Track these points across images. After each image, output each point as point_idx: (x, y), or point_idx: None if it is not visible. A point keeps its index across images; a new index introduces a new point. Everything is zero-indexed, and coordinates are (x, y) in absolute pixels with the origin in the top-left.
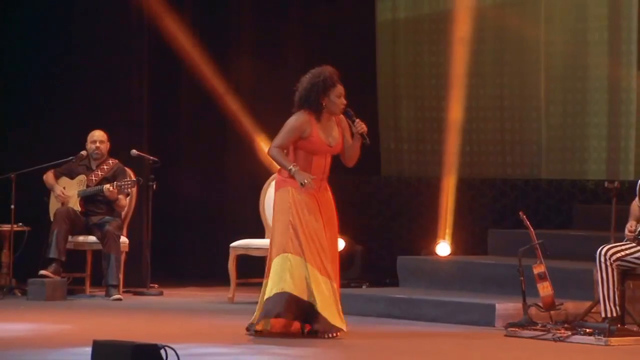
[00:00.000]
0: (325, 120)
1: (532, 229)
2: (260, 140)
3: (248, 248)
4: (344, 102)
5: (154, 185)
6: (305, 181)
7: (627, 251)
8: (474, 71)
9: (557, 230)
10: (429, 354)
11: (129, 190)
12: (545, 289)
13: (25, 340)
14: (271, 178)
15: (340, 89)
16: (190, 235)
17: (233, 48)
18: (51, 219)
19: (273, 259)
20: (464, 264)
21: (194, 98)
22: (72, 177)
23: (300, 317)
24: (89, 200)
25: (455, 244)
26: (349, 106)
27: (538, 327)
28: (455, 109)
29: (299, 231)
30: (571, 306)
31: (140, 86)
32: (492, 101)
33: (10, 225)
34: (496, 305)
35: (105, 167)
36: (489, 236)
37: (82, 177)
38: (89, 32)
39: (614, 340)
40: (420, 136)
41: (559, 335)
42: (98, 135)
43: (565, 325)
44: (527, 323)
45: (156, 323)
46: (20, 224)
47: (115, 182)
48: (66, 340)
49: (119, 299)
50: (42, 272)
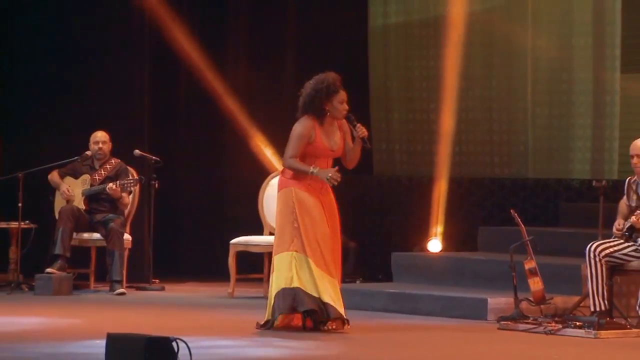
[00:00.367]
0: (328, 125)
1: (523, 226)
2: (257, 141)
3: (247, 245)
4: (346, 108)
5: (156, 184)
6: (330, 175)
7: (615, 248)
8: (463, 75)
9: (545, 227)
10: (427, 346)
11: (131, 188)
12: (536, 284)
13: (38, 333)
14: (270, 177)
15: (343, 94)
16: (190, 232)
17: (231, 50)
18: (56, 217)
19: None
20: (456, 260)
21: (193, 99)
22: (76, 177)
23: (309, 310)
24: (93, 198)
25: (446, 241)
26: (349, 111)
27: (529, 321)
28: (445, 111)
29: (302, 230)
30: (560, 300)
31: (142, 88)
32: (481, 103)
33: (17, 223)
34: (488, 299)
35: (108, 167)
36: (479, 233)
37: (86, 177)
38: (93, 38)
39: (603, 333)
40: (411, 137)
41: (550, 328)
42: (100, 136)
43: (555, 319)
44: (519, 317)
45: (161, 317)
46: (27, 221)
47: (118, 181)
48: (77, 333)
49: (123, 294)
50: (49, 270)
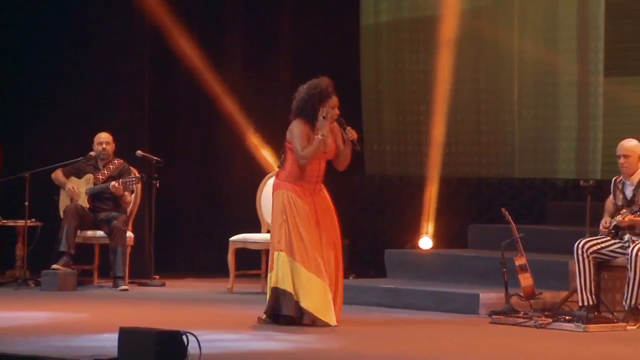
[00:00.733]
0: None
1: (514, 224)
2: (254, 141)
3: (246, 242)
4: (337, 113)
5: (157, 184)
6: (324, 116)
7: (603, 244)
8: (451, 77)
9: (531, 225)
10: (424, 340)
11: (134, 186)
12: (526, 280)
13: (48, 327)
14: (267, 177)
15: (334, 100)
16: (190, 230)
17: (228, 52)
18: (61, 215)
19: (274, 254)
20: (447, 257)
21: (192, 101)
22: (80, 176)
23: (296, 313)
24: (97, 197)
25: (437, 238)
26: (340, 115)
27: (520, 315)
28: (434, 113)
29: (290, 230)
30: (548, 295)
31: (142, 90)
32: (469, 105)
33: (24, 221)
34: (480, 294)
35: (111, 167)
36: (469, 231)
37: (90, 176)
38: (94, 41)
39: (592, 327)
40: (402, 138)
41: (540, 322)
42: (104, 137)
43: (545, 313)
44: (509, 311)
45: (165, 312)
46: (33, 219)
47: (120, 179)
48: (86, 327)
49: (126, 290)
50: (54, 266)
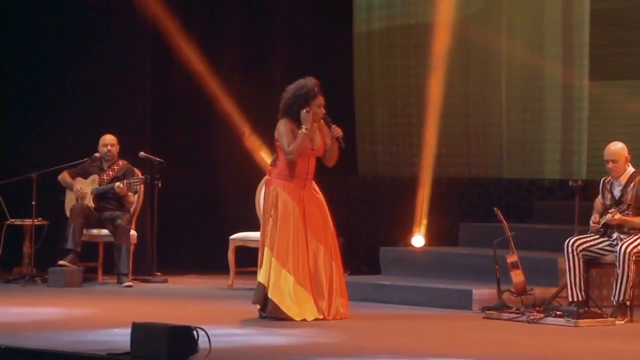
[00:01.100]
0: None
1: (506, 223)
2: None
3: (245, 240)
4: (323, 112)
5: (159, 184)
6: (307, 110)
7: (592, 242)
8: (441, 81)
9: (519, 224)
10: (421, 334)
11: (137, 187)
12: (517, 276)
13: (58, 322)
14: (265, 177)
15: (320, 99)
16: (190, 228)
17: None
18: (67, 214)
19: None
20: (440, 254)
21: (192, 105)
22: (86, 177)
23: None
24: (101, 197)
25: (428, 236)
26: (327, 114)
27: (513, 310)
28: (425, 116)
29: (275, 226)
30: (538, 291)
31: (144, 94)
32: (459, 108)
33: (31, 220)
34: (473, 290)
35: (115, 168)
36: (460, 229)
37: (95, 177)
38: (99, 48)
39: (582, 322)
40: (394, 140)
41: (532, 317)
42: (109, 139)
43: (537, 308)
44: (501, 307)
45: (170, 307)
46: (40, 218)
47: (125, 180)
48: (96, 323)
49: (130, 286)
50: (61, 262)
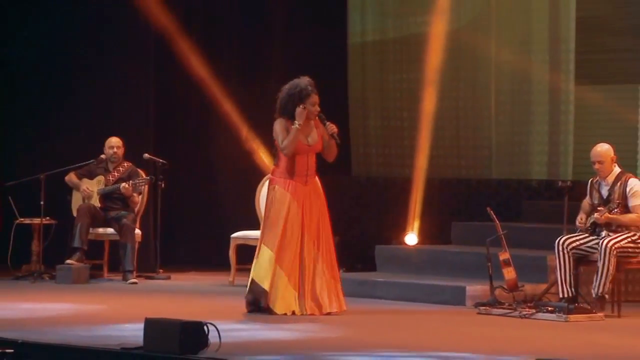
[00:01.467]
0: (304, 125)
1: (498, 222)
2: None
3: (246, 238)
4: (318, 109)
5: (162, 184)
6: (303, 106)
7: (581, 241)
8: (432, 86)
9: (508, 223)
10: (419, 328)
11: (142, 187)
12: (509, 273)
13: (71, 318)
14: (265, 177)
15: (314, 97)
16: (192, 227)
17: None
18: (74, 214)
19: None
20: (434, 252)
21: (194, 107)
22: (92, 178)
23: (254, 298)
24: (107, 197)
25: (420, 234)
26: (323, 112)
27: (506, 306)
28: (416, 119)
29: (274, 224)
30: (529, 288)
31: (148, 98)
32: (449, 112)
33: (39, 219)
34: (466, 287)
35: (120, 169)
36: (452, 228)
37: (101, 178)
38: (104, 53)
39: (572, 317)
40: (386, 142)
41: (525, 312)
42: (115, 141)
43: (529, 304)
44: (494, 302)
45: (175, 303)
46: (48, 218)
47: (130, 181)
48: (107, 318)
49: (135, 283)
50: (68, 262)
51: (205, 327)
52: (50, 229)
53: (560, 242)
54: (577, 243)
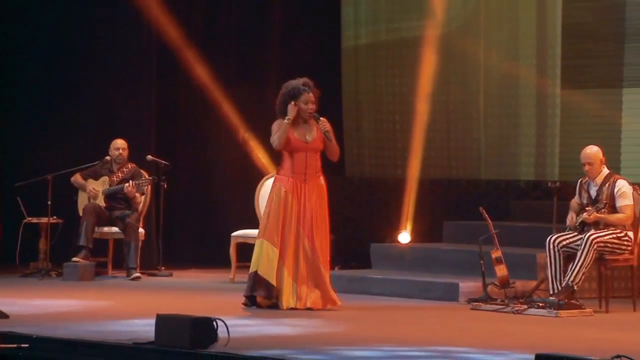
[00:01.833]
0: (302, 123)
1: (490, 221)
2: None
3: (246, 237)
4: (311, 107)
5: (165, 185)
6: (292, 104)
7: (571, 239)
8: (423, 90)
9: (497, 222)
10: (418, 324)
11: (145, 188)
12: (501, 270)
13: (82, 314)
14: (264, 178)
15: (307, 96)
16: (193, 226)
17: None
18: (80, 213)
19: (261, 240)
20: (427, 250)
21: (195, 110)
22: (97, 179)
23: (266, 295)
24: (112, 197)
25: (412, 233)
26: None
27: (498, 302)
28: (408, 121)
29: (274, 219)
30: (519, 284)
31: (149, 101)
32: (439, 115)
33: (47, 218)
34: (459, 284)
35: (124, 170)
36: (444, 227)
37: (105, 178)
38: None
39: (563, 313)
40: (379, 143)
41: (517, 308)
42: (120, 143)
43: (520, 300)
44: (486, 298)
45: (180, 299)
46: (55, 217)
47: (133, 181)
48: (116, 314)
49: (139, 278)
50: (74, 259)
51: (214, 323)
52: (57, 227)
53: (551, 241)
54: (567, 241)
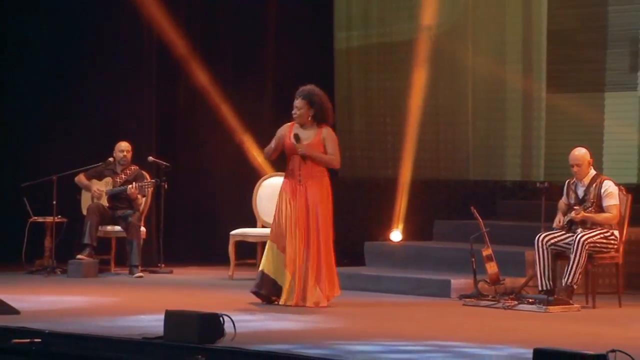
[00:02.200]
0: (307, 127)
1: (481, 220)
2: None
3: (244, 235)
4: (294, 113)
5: (166, 185)
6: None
7: (559, 238)
8: (413, 92)
9: (485, 220)
10: (413, 319)
11: (147, 190)
12: (492, 268)
13: (90, 310)
14: (262, 178)
15: (295, 102)
16: (193, 225)
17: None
18: (84, 213)
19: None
20: (419, 248)
21: (195, 112)
22: (100, 179)
23: (271, 292)
24: (115, 197)
25: (403, 232)
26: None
27: (489, 298)
28: (399, 123)
29: (278, 220)
30: (509, 281)
31: (150, 103)
32: (429, 117)
33: (52, 217)
34: (451, 280)
35: (128, 172)
36: (434, 225)
37: (109, 179)
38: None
39: (552, 308)
40: (371, 145)
41: (507, 304)
42: (125, 145)
43: (511, 296)
44: (477, 295)
45: (183, 296)
46: (60, 216)
47: (137, 184)
48: (123, 309)
49: (141, 277)
50: (79, 257)
51: (221, 318)
52: (61, 226)
53: (540, 239)
54: (555, 240)
